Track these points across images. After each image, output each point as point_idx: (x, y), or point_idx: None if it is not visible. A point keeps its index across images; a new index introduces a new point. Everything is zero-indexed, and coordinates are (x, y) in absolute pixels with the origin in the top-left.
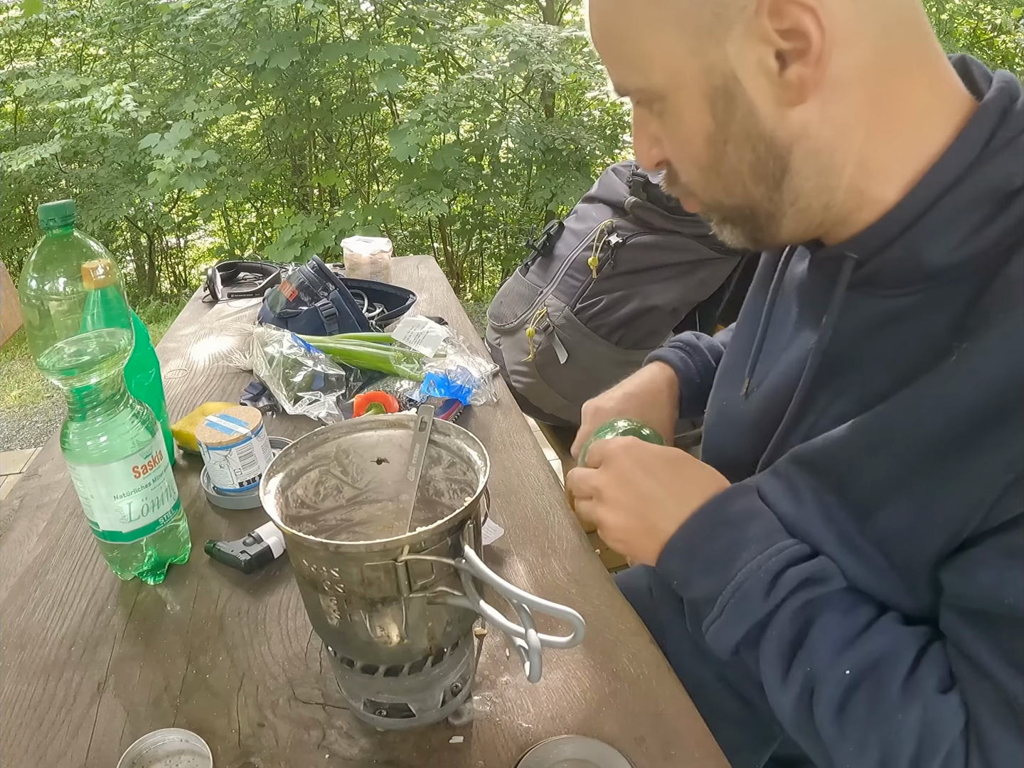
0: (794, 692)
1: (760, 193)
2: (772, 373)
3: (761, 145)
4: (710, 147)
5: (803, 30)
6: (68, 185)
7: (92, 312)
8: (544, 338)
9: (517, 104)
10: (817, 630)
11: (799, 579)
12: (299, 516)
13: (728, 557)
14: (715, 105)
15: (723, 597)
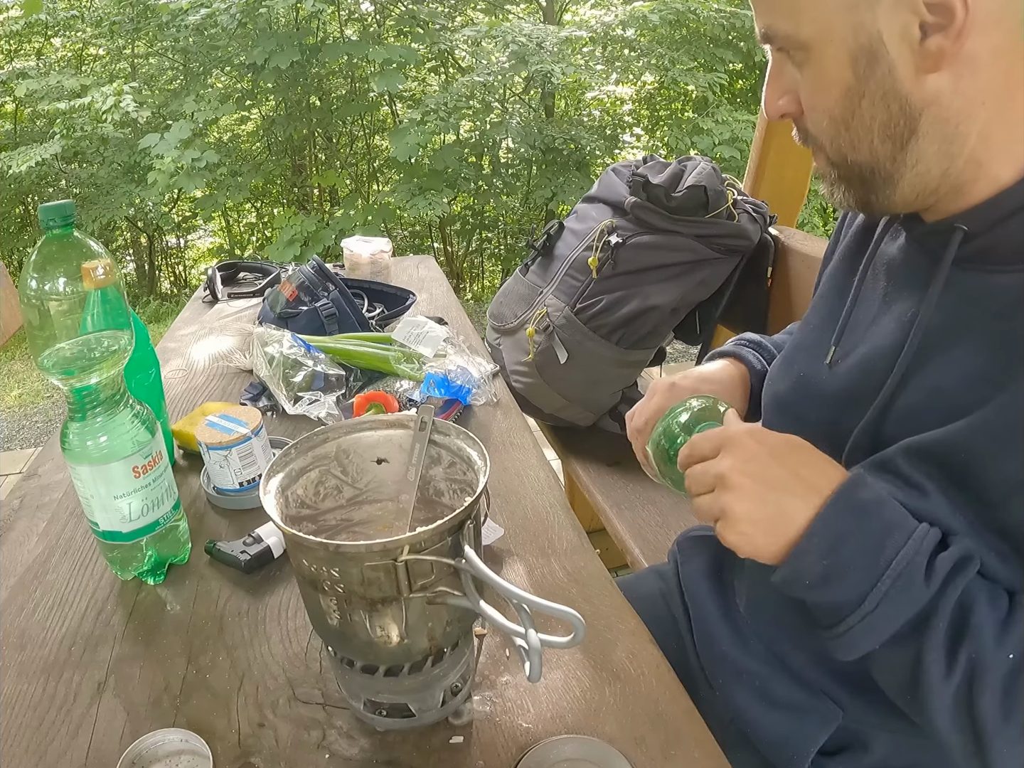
0: (957, 680)
1: (885, 152)
2: (863, 345)
3: (895, 104)
4: (846, 100)
5: (949, 6)
6: (68, 185)
7: (92, 312)
8: (544, 338)
9: (517, 104)
10: (976, 616)
11: (952, 563)
12: (299, 516)
13: (874, 548)
14: (857, 61)
15: (878, 589)
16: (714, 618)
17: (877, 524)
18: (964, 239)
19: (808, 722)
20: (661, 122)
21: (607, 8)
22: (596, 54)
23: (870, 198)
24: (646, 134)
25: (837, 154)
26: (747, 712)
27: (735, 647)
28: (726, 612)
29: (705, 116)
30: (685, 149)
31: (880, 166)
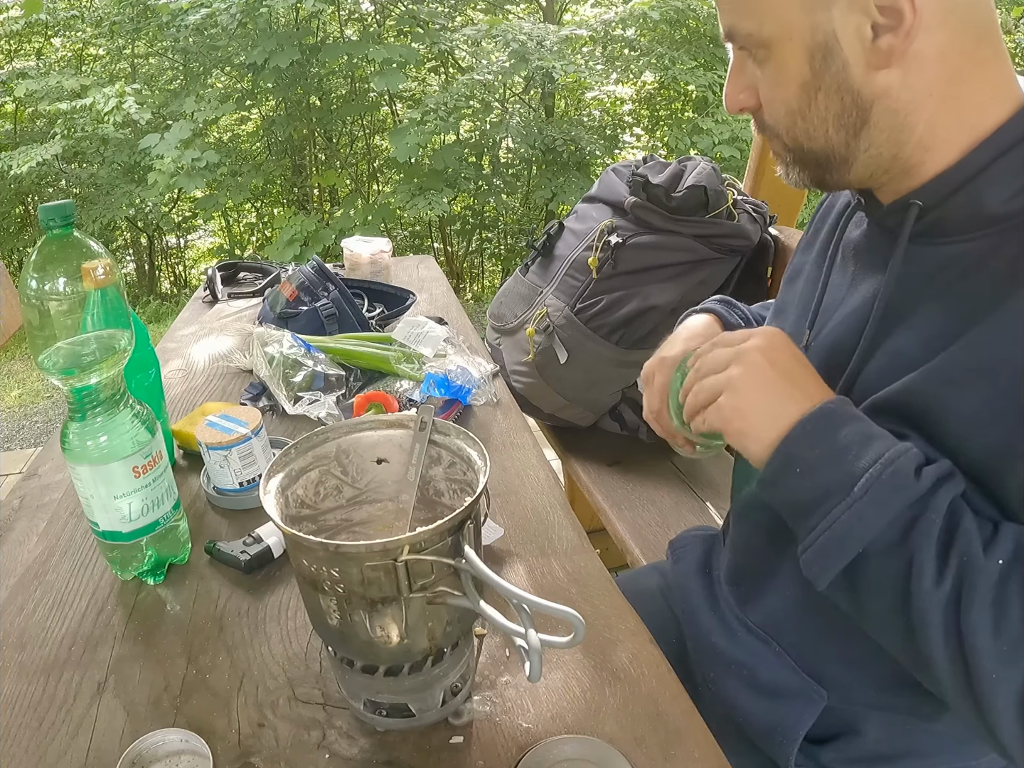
0: (947, 587)
1: (839, 140)
2: (831, 324)
3: (848, 97)
4: (803, 93)
5: (899, 8)
6: (68, 185)
7: (92, 312)
8: (544, 338)
9: (517, 104)
10: (965, 523)
11: (940, 471)
12: (299, 516)
13: (864, 441)
14: (814, 58)
15: (870, 475)
16: (703, 611)
17: (866, 428)
18: (919, 215)
19: (794, 706)
20: (661, 122)
21: (607, 7)
22: (596, 54)
23: (825, 177)
24: (646, 134)
25: (794, 142)
26: (737, 702)
27: (723, 638)
28: (714, 604)
29: (705, 116)
30: (685, 149)
31: (835, 152)
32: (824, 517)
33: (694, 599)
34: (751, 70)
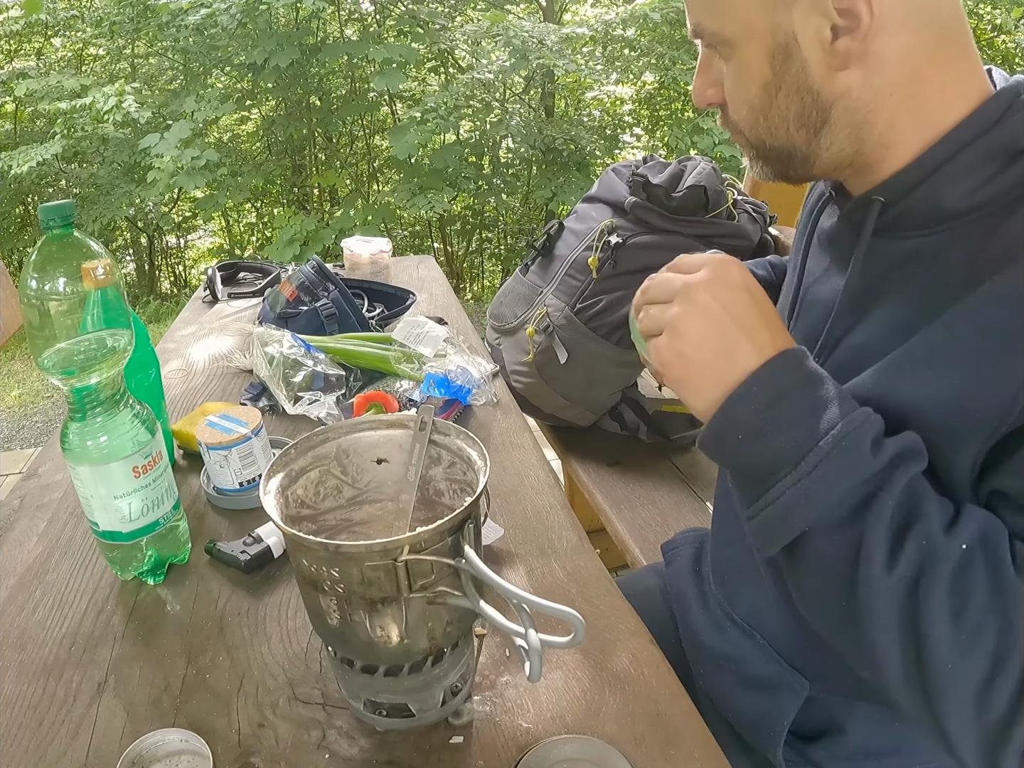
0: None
1: (800, 138)
2: (804, 314)
3: (808, 97)
4: (764, 92)
5: (856, 11)
6: (68, 185)
7: (92, 312)
8: (544, 338)
9: (517, 104)
10: (925, 503)
11: (902, 444)
12: (299, 516)
13: (817, 407)
14: (775, 58)
15: (820, 449)
16: (694, 610)
17: (821, 392)
18: (882, 210)
19: (778, 697)
20: (661, 122)
21: (607, 7)
22: (596, 54)
23: (788, 172)
24: (646, 134)
25: (756, 139)
26: (725, 697)
27: (712, 634)
28: (704, 602)
29: (705, 116)
30: (685, 149)
31: (796, 149)
32: (768, 490)
33: (686, 599)
34: (717, 66)
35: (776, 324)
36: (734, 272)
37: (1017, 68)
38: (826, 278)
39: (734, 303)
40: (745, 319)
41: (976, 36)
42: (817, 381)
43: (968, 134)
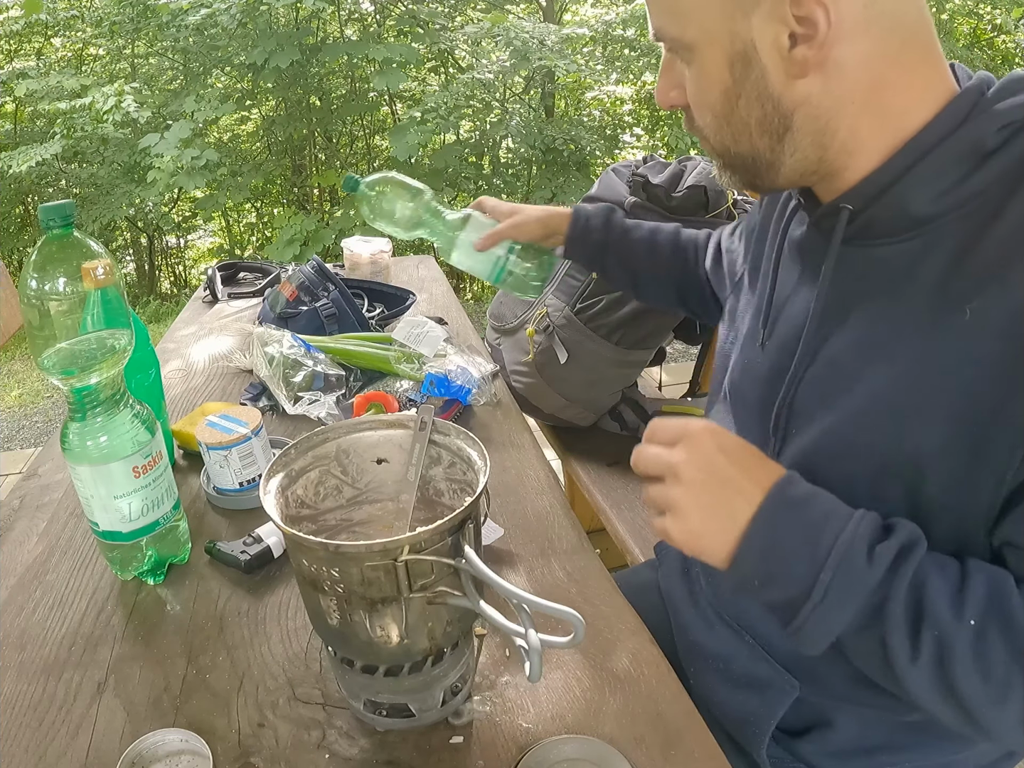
0: (926, 660)
1: (764, 144)
2: (779, 324)
3: (769, 105)
4: (724, 99)
5: (814, 19)
6: (68, 185)
7: (92, 312)
8: (544, 338)
9: (517, 104)
10: (930, 593)
11: (896, 549)
12: (299, 516)
13: (812, 540)
14: (734, 66)
15: (822, 580)
16: (685, 609)
17: (811, 517)
18: (851, 217)
19: (767, 696)
20: (661, 122)
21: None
22: (596, 54)
23: (755, 181)
24: (646, 134)
25: (720, 145)
26: (715, 695)
27: (702, 632)
28: (694, 601)
29: None
30: (685, 149)
31: (760, 156)
32: (793, 619)
33: (677, 598)
34: (680, 69)
35: (755, 464)
36: (706, 441)
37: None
38: (799, 288)
39: (717, 469)
40: (730, 479)
41: (976, 36)
42: (805, 506)
43: (933, 137)
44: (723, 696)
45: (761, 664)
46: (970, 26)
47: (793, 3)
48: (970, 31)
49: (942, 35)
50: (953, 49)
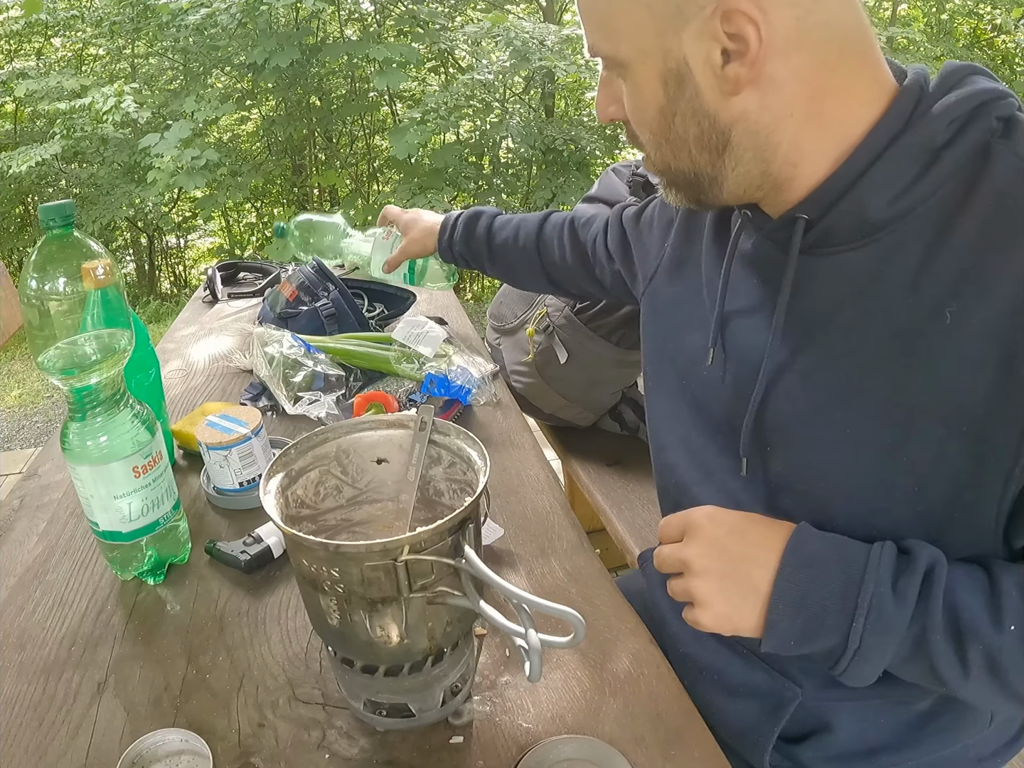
0: (978, 674)
1: (704, 160)
2: (737, 340)
3: (705, 122)
4: (660, 117)
5: (745, 37)
6: (68, 185)
7: (92, 312)
8: (544, 338)
9: (517, 104)
10: (965, 611)
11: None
12: (299, 516)
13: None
14: (667, 83)
15: (855, 629)
16: (671, 620)
17: (830, 569)
18: (807, 227)
19: (767, 704)
20: None
21: None
22: None
23: (700, 197)
24: None
25: (661, 162)
26: (711, 706)
27: (692, 644)
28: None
29: None
30: None
31: (702, 171)
32: (835, 665)
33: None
34: (617, 84)
35: (762, 531)
36: (708, 527)
37: (1017, 68)
38: (753, 302)
39: (726, 550)
40: (742, 555)
41: (976, 36)
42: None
43: (882, 139)
44: (720, 706)
45: (758, 673)
46: (970, 26)
47: (724, 20)
48: (970, 31)
49: (942, 35)
50: (953, 49)
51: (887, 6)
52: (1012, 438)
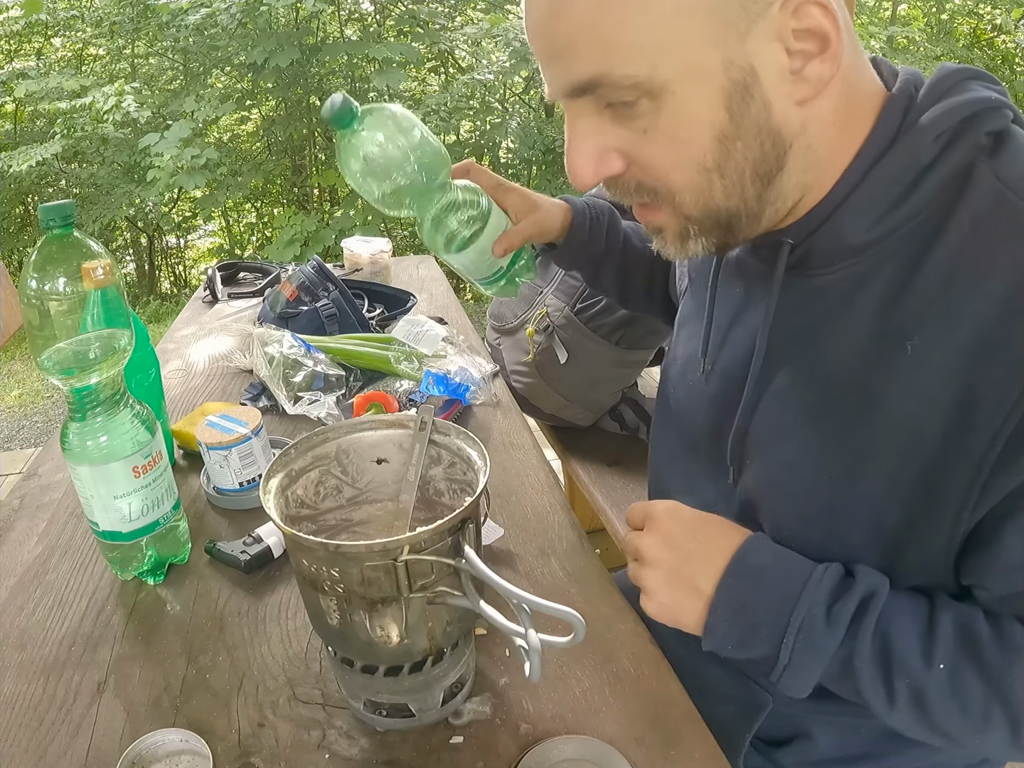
0: (903, 705)
1: (753, 193)
2: (723, 354)
3: (768, 142)
4: (719, 145)
5: (822, 31)
6: (68, 185)
7: (92, 312)
8: (544, 338)
9: (517, 104)
10: (896, 641)
11: (854, 606)
12: (299, 516)
13: (774, 606)
14: (731, 100)
15: (786, 645)
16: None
17: (771, 583)
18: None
19: (741, 708)
20: None
21: None
22: None
23: (728, 240)
24: None
25: (705, 207)
26: None
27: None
28: None
29: None
30: None
31: (748, 208)
32: (770, 672)
33: None
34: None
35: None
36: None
37: (1017, 68)
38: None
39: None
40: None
41: (976, 36)
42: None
43: (868, 159)
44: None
45: (733, 678)
46: (970, 26)
47: (795, 14)
48: (970, 31)
49: (942, 35)
50: (953, 49)
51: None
52: (963, 480)
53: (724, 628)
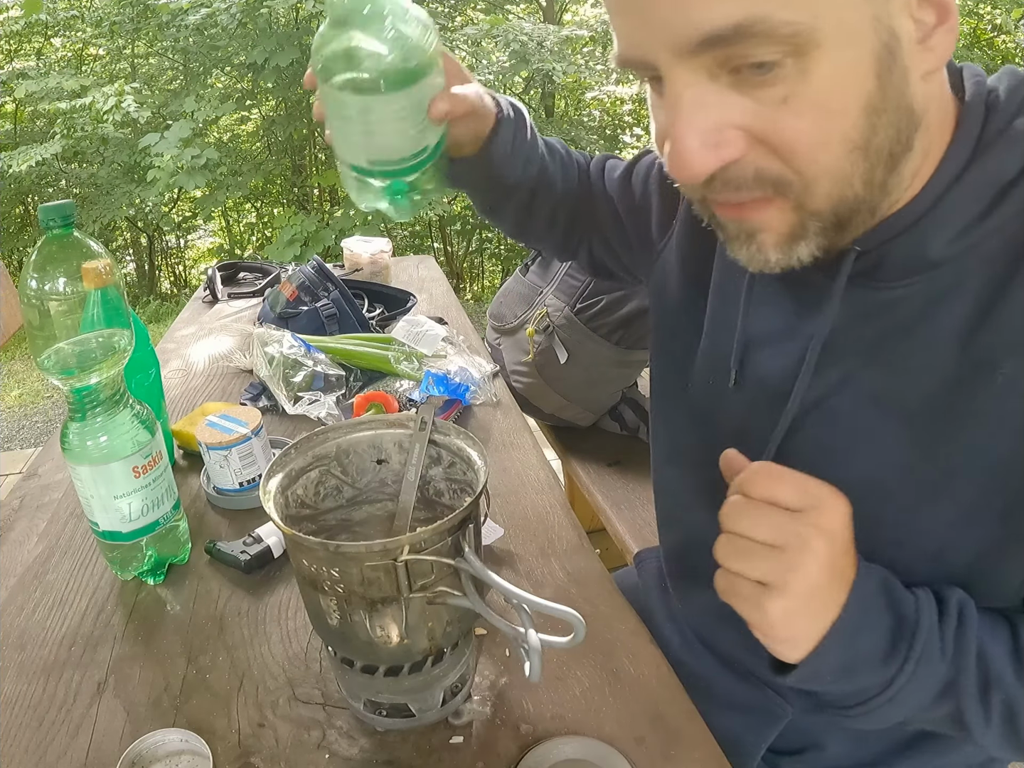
0: (997, 722)
1: (879, 179)
2: (762, 364)
3: (904, 118)
4: (867, 118)
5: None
6: (68, 185)
7: (92, 312)
8: (544, 338)
9: None
10: (993, 661)
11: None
12: (299, 516)
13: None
14: (881, 65)
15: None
16: (663, 622)
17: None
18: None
19: (755, 719)
20: None
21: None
22: (596, 54)
23: (837, 241)
24: (646, 134)
25: (839, 196)
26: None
27: (683, 651)
28: (672, 618)
29: None
30: None
31: (872, 198)
32: (861, 705)
33: (656, 612)
34: (736, 101)
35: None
36: (840, 518)
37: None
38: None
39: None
40: (843, 567)
41: (976, 36)
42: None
43: (951, 171)
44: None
45: (750, 688)
46: (970, 26)
47: None
48: (970, 31)
49: None
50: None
51: None
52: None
53: (834, 659)
